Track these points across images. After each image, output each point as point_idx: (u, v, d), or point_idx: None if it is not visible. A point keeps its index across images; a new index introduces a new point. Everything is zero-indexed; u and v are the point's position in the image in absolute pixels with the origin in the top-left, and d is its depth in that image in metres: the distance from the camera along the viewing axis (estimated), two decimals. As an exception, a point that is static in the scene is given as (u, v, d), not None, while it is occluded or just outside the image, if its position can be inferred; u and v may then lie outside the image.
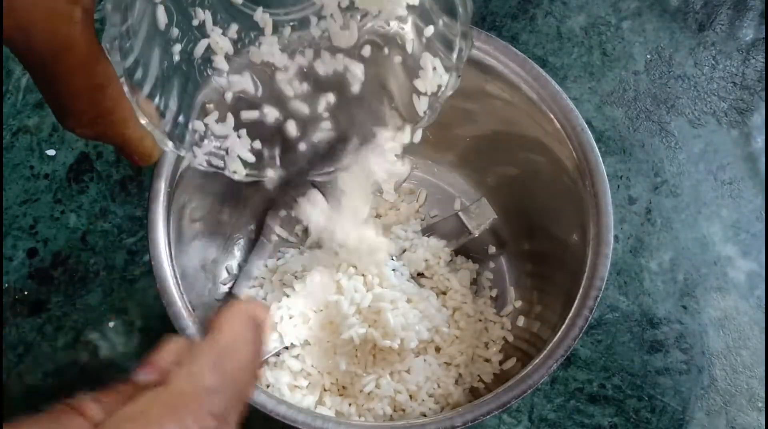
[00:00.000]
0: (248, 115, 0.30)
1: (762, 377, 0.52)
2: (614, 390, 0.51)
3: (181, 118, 0.29)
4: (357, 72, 0.30)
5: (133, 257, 0.54)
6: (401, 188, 0.55)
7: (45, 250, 0.54)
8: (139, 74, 0.27)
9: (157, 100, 0.28)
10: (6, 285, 0.53)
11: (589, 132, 0.43)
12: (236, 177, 0.31)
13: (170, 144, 0.28)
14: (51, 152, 0.57)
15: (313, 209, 0.53)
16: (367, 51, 0.30)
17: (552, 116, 0.44)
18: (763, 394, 0.52)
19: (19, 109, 0.58)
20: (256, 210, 0.53)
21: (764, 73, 0.61)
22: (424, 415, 0.45)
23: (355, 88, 0.30)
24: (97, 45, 0.24)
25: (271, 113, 0.30)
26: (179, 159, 0.42)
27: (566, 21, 0.63)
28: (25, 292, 0.53)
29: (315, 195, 0.54)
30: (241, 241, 0.52)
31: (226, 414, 0.18)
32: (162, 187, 0.41)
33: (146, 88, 0.27)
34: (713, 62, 0.62)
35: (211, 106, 0.29)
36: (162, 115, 0.28)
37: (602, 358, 0.52)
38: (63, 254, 0.54)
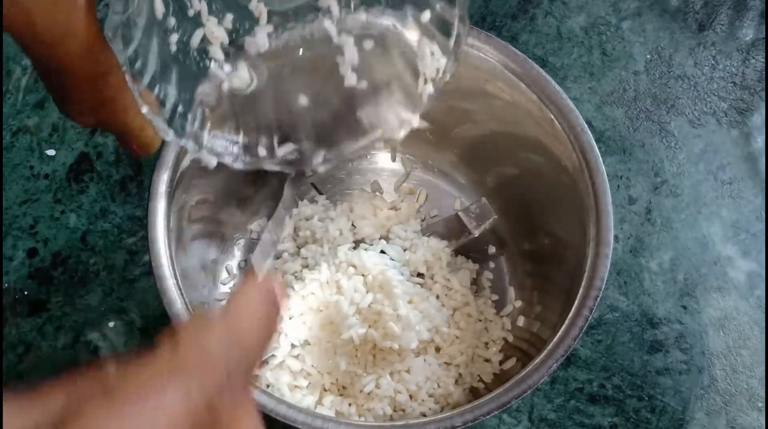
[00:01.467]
0: (246, 105, 0.30)
1: (762, 377, 0.52)
2: (614, 390, 0.51)
3: (180, 108, 0.29)
4: (352, 58, 0.30)
5: (133, 257, 0.54)
6: (401, 188, 0.55)
7: (45, 250, 0.54)
8: (139, 64, 0.27)
9: (156, 89, 0.28)
10: (6, 285, 0.53)
11: (589, 132, 0.43)
12: (236, 166, 0.31)
13: (171, 133, 0.29)
14: (51, 152, 0.57)
15: (312, 208, 0.53)
16: (369, 44, 0.30)
17: (552, 116, 0.44)
18: (763, 394, 0.52)
19: (19, 109, 0.58)
20: (257, 210, 0.53)
21: (764, 73, 0.61)
22: (424, 415, 0.45)
23: (352, 79, 0.30)
24: (99, 32, 0.24)
25: (267, 103, 0.30)
26: (179, 159, 0.42)
27: (566, 21, 0.63)
28: (25, 292, 0.53)
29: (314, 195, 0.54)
30: (241, 241, 0.53)
31: (233, 383, 0.19)
32: (162, 187, 0.41)
33: (146, 78, 0.28)
34: (713, 62, 0.62)
35: (209, 97, 0.30)
36: (162, 104, 0.28)
37: (602, 358, 0.52)
38: (63, 254, 0.54)
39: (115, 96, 0.26)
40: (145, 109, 0.28)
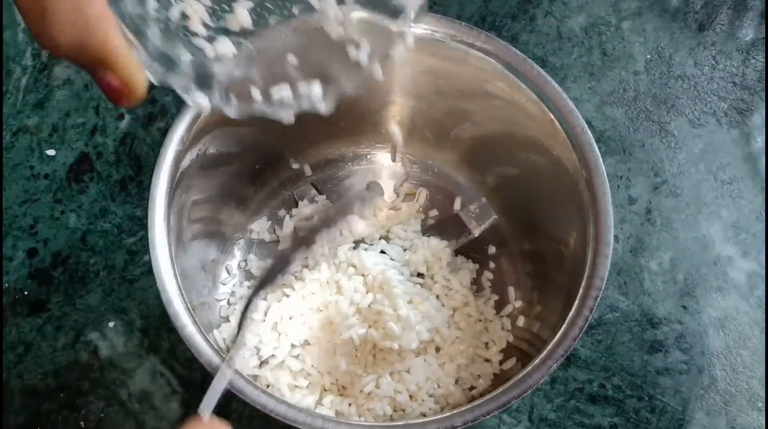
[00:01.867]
0: (235, 74, 0.30)
1: (762, 377, 0.52)
2: (614, 390, 0.51)
3: (164, 58, 0.29)
4: (337, 15, 0.30)
5: (133, 257, 0.54)
6: (401, 188, 0.55)
7: (45, 250, 0.54)
8: (121, 4, 0.27)
9: (137, 36, 0.28)
10: (6, 285, 0.53)
11: (589, 132, 0.43)
12: (230, 113, 0.30)
13: (157, 66, 0.28)
14: (51, 152, 0.57)
15: (312, 208, 0.53)
16: None
17: (552, 116, 0.44)
18: (763, 394, 0.52)
19: (19, 109, 0.58)
20: (257, 210, 0.53)
21: (764, 73, 0.61)
22: (424, 415, 0.45)
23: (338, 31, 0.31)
24: None
25: (256, 69, 0.30)
26: (179, 159, 0.42)
27: (566, 21, 0.63)
28: (25, 292, 0.53)
29: (314, 194, 0.54)
30: (241, 241, 0.53)
31: None
32: (162, 187, 0.41)
33: (126, 19, 0.27)
34: (713, 62, 0.62)
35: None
36: (144, 47, 0.28)
37: (602, 358, 0.52)
38: (63, 254, 0.54)
39: (98, 14, 0.25)
40: (127, 41, 0.27)
